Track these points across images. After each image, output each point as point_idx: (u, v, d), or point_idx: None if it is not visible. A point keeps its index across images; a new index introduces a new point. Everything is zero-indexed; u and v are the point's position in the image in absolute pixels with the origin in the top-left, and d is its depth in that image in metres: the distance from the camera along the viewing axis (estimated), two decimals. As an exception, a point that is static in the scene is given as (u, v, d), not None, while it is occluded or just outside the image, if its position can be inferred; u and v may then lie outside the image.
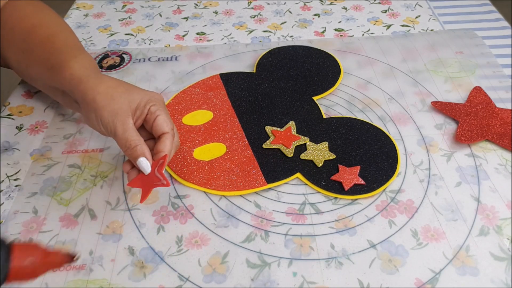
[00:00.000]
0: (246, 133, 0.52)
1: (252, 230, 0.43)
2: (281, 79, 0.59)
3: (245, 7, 0.77)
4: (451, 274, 0.39)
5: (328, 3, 0.78)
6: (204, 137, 0.52)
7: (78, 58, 0.45)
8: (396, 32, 0.70)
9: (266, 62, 0.62)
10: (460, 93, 0.58)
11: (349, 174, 0.47)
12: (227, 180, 0.47)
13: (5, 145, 0.52)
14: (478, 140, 0.50)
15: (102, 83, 0.42)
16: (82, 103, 0.42)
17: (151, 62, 0.64)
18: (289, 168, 0.48)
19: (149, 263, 0.41)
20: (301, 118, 0.54)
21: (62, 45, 0.48)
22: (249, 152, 0.50)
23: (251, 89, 0.58)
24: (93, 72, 0.44)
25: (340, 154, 0.49)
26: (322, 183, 0.46)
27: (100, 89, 0.41)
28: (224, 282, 0.39)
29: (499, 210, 0.44)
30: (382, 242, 0.42)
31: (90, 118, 0.42)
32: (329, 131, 0.52)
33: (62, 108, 0.57)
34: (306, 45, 0.65)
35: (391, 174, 0.47)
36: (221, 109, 0.55)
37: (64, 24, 0.53)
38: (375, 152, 0.49)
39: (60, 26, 0.52)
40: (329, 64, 0.62)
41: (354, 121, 0.53)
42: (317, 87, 0.58)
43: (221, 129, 0.53)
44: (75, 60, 0.44)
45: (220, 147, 0.50)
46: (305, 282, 0.39)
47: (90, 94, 0.41)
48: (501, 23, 0.71)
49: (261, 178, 0.47)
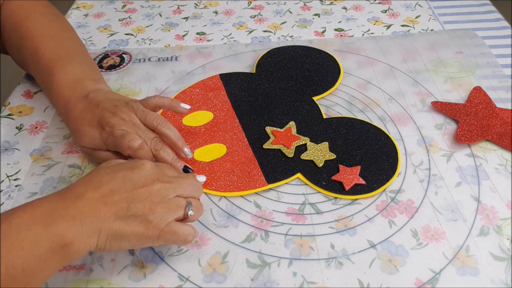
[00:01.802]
0: (247, 133, 0.52)
1: (252, 230, 0.43)
2: (281, 79, 0.59)
3: (245, 7, 0.77)
4: (451, 274, 0.39)
5: (328, 3, 0.78)
6: (205, 138, 0.52)
7: (58, 74, 0.49)
8: (396, 32, 0.70)
9: (266, 63, 0.62)
10: (460, 93, 0.58)
11: (349, 174, 0.47)
12: (228, 181, 0.47)
13: (5, 145, 0.52)
14: (478, 140, 0.50)
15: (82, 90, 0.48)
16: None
17: (151, 62, 0.64)
18: (290, 168, 0.48)
19: (149, 263, 0.41)
20: (301, 119, 0.54)
21: (49, 58, 0.51)
22: (250, 153, 0.50)
23: (251, 89, 0.58)
24: (85, 79, 0.49)
25: (340, 154, 0.49)
26: (322, 183, 0.46)
27: (77, 96, 0.47)
28: (224, 282, 0.39)
29: (499, 210, 0.44)
30: (382, 242, 0.42)
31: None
32: (329, 131, 0.52)
33: (62, 108, 0.57)
34: (306, 45, 0.66)
35: (392, 174, 0.47)
36: (221, 109, 0.55)
37: (54, 30, 0.53)
38: (375, 152, 0.49)
39: (48, 33, 0.53)
40: (329, 64, 0.62)
41: (354, 121, 0.53)
42: (317, 87, 0.58)
43: (221, 129, 0.53)
44: (59, 73, 0.49)
45: (221, 148, 0.50)
46: (305, 282, 0.39)
47: (72, 101, 0.47)
48: (501, 23, 0.71)
49: (261, 179, 0.47)
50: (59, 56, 0.51)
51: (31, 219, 0.32)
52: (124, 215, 0.35)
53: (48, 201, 0.34)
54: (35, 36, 0.52)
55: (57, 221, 0.33)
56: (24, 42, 0.52)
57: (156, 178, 0.37)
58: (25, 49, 0.52)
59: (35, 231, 0.32)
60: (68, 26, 0.57)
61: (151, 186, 0.37)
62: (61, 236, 0.32)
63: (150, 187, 0.36)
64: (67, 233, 0.33)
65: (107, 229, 0.34)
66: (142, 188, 0.36)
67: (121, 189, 0.35)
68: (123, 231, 0.34)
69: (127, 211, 0.35)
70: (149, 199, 0.36)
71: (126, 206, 0.35)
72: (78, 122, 0.46)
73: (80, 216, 0.33)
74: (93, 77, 0.51)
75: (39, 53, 0.51)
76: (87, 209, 0.34)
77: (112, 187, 0.35)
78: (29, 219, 0.32)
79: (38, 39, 0.52)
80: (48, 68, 0.50)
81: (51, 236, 0.32)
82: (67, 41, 0.54)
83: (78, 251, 0.33)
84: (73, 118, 0.46)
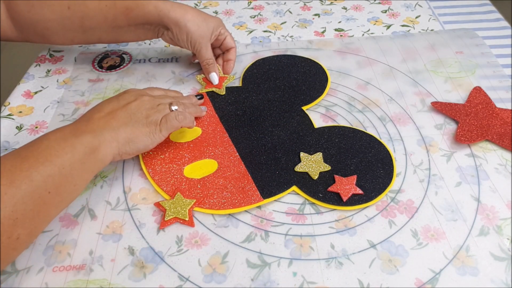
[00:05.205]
0: (237, 147, 0.51)
1: (252, 230, 0.43)
2: (268, 90, 0.58)
3: (245, 7, 0.77)
4: (451, 274, 0.39)
5: (328, 3, 0.78)
6: (194, 154, 0.50)
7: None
8: (396, 32, 0.70)
9: (252, 74, 0.61)
10: (460, 93, 0.58)
11: (346, 184, 0.46)
12: (222, 198, 0.45)
13: (5, 145, 0.52)
14: (478, 140, 0.50)
15: (188, 12, 0.55)
16: (175, 27, 0.55)
17: (151, 63, 0.64)
18: (284, 181, 0.47)
19: (149, 263, 0.41)
20: (292, 129, 0.52)
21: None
22: (242, 167, 0.48)
23: (239, 102, 0.57)
24: (172, 2, 0.55)
25: (335, 164, 0.48)
26: (319, 196, 0.45)
27: (188, 17, 0.55)
28: (224, 282, 0.39)
29: (499, 210, 0.44)
30: (382, 242, 0.42)
31: (181, 38, 0.57)
32: (321, 141, 0.51)
33: (62, 108, 0.57)
34: (291, 54, 0.64)
35: (388, 182, 0.46)
36: (209, 124, 0.54)
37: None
38: (369, 159, 0.48)
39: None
40: (316, 71, 0.61)
41: (346, 130, 0.52)
42: (306, 97, 0.57)
43: (211, 145, 0.51)
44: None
45: (212, 164, 0.49)
46: (305, 282, 0.39)
47: (182, 21, 0.55)
48: (501, 23, 0.71)
49: (256, 194, 0.45)
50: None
51: (63, 135, 0.40)
52: (130, 123, 0.44)
53: (68, 126, 0.42)
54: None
55: (83, 134, 0.41)
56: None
57: (144, 93, 0.49)
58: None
59: (70, 141, 0.40)
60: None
61: (140, 98, 0.47)
62: (90, 143, 0.41)
63: (140, 100, 0.47)
64: (93, 141, 0.41)
65: (121, 134, 0.43)
66: (135, 102, 0.46)
67: (119, 105, 0.45)
68: (134, 134, 0.44)
69: (130, 119, 0.44)
70: (143, 107, 0.46)
71: (128, 116, 0.45)
72: (195, 16, 0.56)
73: (98, 129, 0.42)
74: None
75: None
76: (100, 124, 0.43)
77: (112, 107, 0.45)
78: (62, 135, 0.40)
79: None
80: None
81: (83, 143, 0.40)
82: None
83: (105, 154, 0.42)
84: (190, 12, 0.56)
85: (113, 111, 0.45)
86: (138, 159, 0.50)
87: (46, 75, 0.63)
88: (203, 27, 0.56)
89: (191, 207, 0.44)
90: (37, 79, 0.62)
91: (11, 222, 0.35)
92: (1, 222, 0.34)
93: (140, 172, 0.49)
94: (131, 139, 0.44)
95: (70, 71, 0.63)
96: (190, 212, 0.44)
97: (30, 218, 0.36)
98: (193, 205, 0.44)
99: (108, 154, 0.42)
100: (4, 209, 0.34)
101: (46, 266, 0.41)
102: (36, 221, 0.37)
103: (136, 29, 0.57)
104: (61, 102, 0.58)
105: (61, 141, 0.40)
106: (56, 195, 0.38)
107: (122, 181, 0.48)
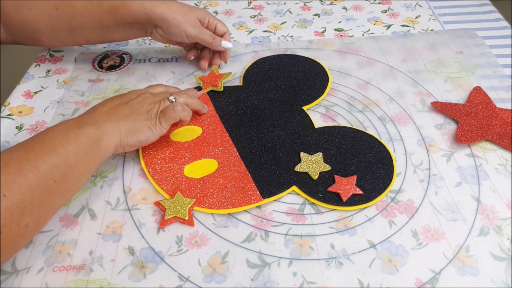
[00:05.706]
0: (237, 147, 0.51)
1: (252, 230, 0.43)
2: (269, 90, 0.58)
3: (245, 7, 0.77)
4: (451, 274, 0.39)
5: (328, 3, 0.78)
6: (194, 154, 0.50)
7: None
8: (396, 32, 0.70)
9: (253, 74, 0.61)
10: (460, 93, 0.58)
11: (346, 185, 0.46)
12: (221, 197, 0.45)
13: (5, 145, 0.52)
14: (478, 140, 0.50)
15: (173, 5, 0.56)
16: (164, 22, 0.56)
17: (151, 63, 0.64)
18: (284, 181, 0.47)
19: (149, 263, 0.41)
20: (293, 129, 0.52)
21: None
22: (242, 167, 0.48)
23: (239, 102, 0.57)
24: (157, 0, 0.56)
25: (335, 164, 0.48)
26: (319, 196, 0.45)
27: (174, 9, 0.56)
28: (224, 282, 0.39)
29: (499, 210, 0.44)
30: (382, 242, 0.42)
31: (172, 32, 0.57)
32: (322, 141, 0.51)
33: (62, 108, 0.57)
34: (291, 54, 0.64)
35: (388, 182, 0.46)
36: (210, 124, 0.54)
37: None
38: (370, 160, 0.48)
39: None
40: (317, 71, 0.61)
41: (347, 130, 0.52)
42: (306, 97, 0.57)
43: (211, 144, 0.51)
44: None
45: (212, 163, 0.49)
46: (305, 282, 0.39)
47: (170, 14, 0.55)
48: (501, 23, 0.71)
49: (256, 193, 0.45)
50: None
51: (66, 127, 0.42)
52: (131, 116, 0.46)
53: (72, 119, 0.44)
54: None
55: (85, 125, 0.42)
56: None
57: (145, 92, 0.51)
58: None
59: (73, 132, 0.41)
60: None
61: (142, 95, 0.49)
62: (93, 134, 0.42)
63: (141, 96, 0.49)
64: (95, 132, 0.42)
65: (123, 126, 0.45)
66: (136, 98, 0.48)
67: (121, 102, 0.47)
68: (135, 126, 0.46)
69: (132, 113, 0.46)
70: (144, 102, 0.48)
71: (130, 110, 0.46)
72: (180, 7, 0.57)
73: (100, 121, 0.44)
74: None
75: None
76: (103, 116, 0.44)
77: (114, 103, 0.47)
78: (65, 127, 0.42)
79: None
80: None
81: (86, 134, 0.41)
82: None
83: (108, 145, 0.43)
84: (175, 5, 0.57)
85: (116, 106, 0.46)
86: (138, 158, 0.50)
87: (46, 75, 0.63)
88: (191, 15, 0.57)
89: (191, 206, 0.44)
90: (37, 79, 0.62)
91: (20, 210, 0.36)
92: (11, 209, 0.35)
93: (140, 172, 0.49)
94: (132, 130, 0.45)
95: (70, 71, 0.63)
96: (190, 212, 0.44)
97: (37, 206, 0.37)
98: (193, 205, 0.44)
99: (111, 145, 0.44)
100: (13, 197, 0.35)
101: (46, 266, 0.41)
102: (43, 209, 0.38)
103: (124, 29, 0.57)
104: (61, 102, 0.58)
105: (65, 132, 0.41)
106: (62, 184, 0.39)
107: (122, 181, 0.48)
